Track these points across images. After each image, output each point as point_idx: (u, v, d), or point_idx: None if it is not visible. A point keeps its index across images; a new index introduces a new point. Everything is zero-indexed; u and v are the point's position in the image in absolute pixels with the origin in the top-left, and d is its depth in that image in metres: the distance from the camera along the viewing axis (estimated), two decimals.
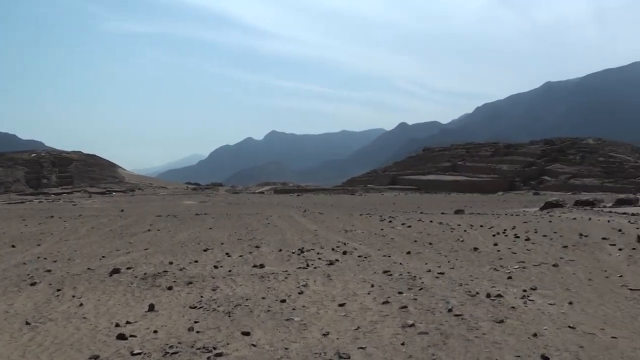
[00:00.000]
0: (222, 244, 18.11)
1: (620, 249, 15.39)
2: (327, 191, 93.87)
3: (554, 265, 13.00)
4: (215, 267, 13.26)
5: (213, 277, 11.71)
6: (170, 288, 10.63)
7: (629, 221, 23.67)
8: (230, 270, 12.64)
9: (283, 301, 9.43)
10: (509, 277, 11.57)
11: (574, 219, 25.92)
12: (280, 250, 16.29)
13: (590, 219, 25.51)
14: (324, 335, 7.51)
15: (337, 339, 7.37)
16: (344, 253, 15.49)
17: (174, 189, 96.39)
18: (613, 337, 7.30)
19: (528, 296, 9.64)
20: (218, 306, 9.16)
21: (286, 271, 12.42)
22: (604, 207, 36.00)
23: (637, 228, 20.38)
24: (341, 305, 9.11)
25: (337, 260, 14.16)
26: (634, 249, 15.45)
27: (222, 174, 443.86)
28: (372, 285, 10.57)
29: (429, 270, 12.32)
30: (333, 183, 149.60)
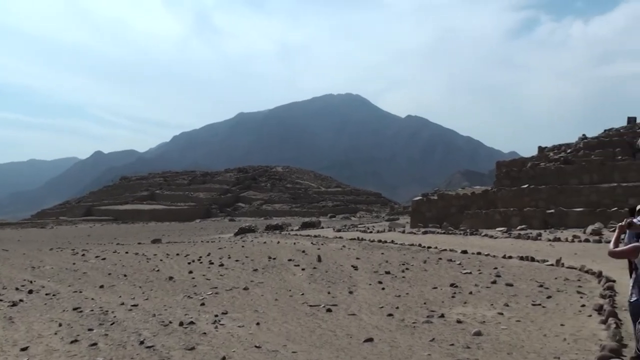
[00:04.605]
0: None
1: (303, 269, 16.84)
2: (13, 225, 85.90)
3: (245, 289, 13.68)
4: None
5: None
6: None
7: (312, 242, 26.06)
8: None
9: None
10: (202, 304, 11.86)
11: (265, 242, 27.64)
12: None
13: (278, 242, 27.45)
14: None
15: None
16: (30, 292, 14.38)
17: None
18: (294, 352, 7.96)
19: (219, 321, 10.01)
20: None
21: None
22: (292, 230, 39.04)
23: (318, 249, 22.52)
24: (24, 349, 8.45)
25: (21, 300, 13.11)
26: (315, 267, 17.04)
27: None
28: (60, 325, 10.01)
29: (123, 304, 12.09)
30: (21, 216, 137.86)
